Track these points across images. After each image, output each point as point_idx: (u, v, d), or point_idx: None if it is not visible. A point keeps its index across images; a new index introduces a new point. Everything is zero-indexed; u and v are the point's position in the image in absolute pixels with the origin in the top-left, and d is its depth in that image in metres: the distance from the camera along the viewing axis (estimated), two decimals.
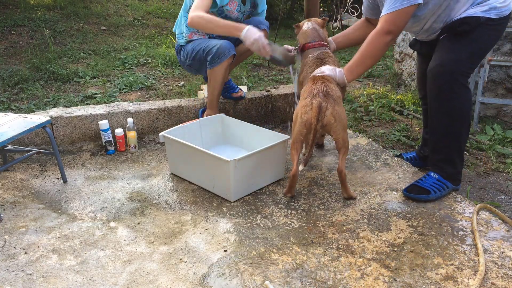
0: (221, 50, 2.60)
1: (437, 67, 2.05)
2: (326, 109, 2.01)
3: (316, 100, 2.01)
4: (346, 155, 2.11)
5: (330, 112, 2.01)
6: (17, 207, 2.13)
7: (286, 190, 2.18)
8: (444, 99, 2.05)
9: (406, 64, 4.52)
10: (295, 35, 2.58)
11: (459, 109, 2.06)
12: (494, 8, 2.01)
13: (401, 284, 1.58)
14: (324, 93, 2.03)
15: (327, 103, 2.01)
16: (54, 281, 1.62)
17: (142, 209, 2.10)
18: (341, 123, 2.05)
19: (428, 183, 2.15)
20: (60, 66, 4.41)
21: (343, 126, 2.07)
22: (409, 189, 2.17)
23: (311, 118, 2.01)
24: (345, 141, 2.09)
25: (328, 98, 2.03)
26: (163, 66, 4.71)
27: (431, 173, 2.20)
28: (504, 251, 1.75)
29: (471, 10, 2.03)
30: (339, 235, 1.87)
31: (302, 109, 2.05)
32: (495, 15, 2.01)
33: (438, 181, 2.15)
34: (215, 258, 1.73)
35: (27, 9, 6.13)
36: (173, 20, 6.50)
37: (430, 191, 2.12)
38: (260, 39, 2.32)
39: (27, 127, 2.16)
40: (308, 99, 2.04)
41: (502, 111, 3.62)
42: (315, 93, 2.04)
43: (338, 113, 2.03)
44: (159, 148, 2.81)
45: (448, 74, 2.01)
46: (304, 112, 2.04)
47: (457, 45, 2.04)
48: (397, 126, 3.40)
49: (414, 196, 2.12)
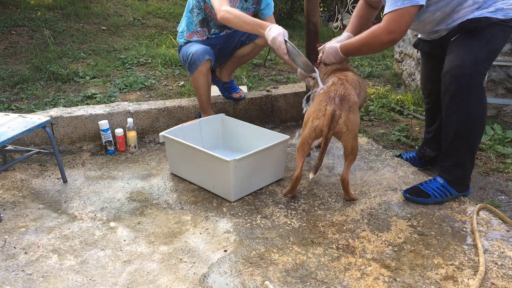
0: (195, 57, 2.64)
1: (456, 68, 1.98)
2: (340, 117, 1.93)
3: (330, 107, 1.93)
4: (352, 163, 2.07)
5: (344, 120, 1.94)
6: (17, 207, 2.13)
7: (287, 191, 2.18)
8: (462, 100, 1.99)
9: (406, 64, 4.52)
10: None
11: (476, 111, 2.00)
12: (501, 9, 1.99)
13: (401, 284, 1.58)
14: (341, 98, 1.95)
15: (341, 110, 1.93)
16: (54, 281, 1.62)
17: (142, 209, 2.10)
18: (353, 132, 1.98)
19: (431, 188, 2.11)
20: (60, 66, 4.41)
21: (355, 134, 2.00)
22: (410, 191, 2.15)
23: (322, 125, 1.95)
24: (354, 149, 2.03)
25: (343, 104, 1.94)
26: (163, 66, 4.71)
27: (437, 178, 2.15)
28: (504, 251, 1.75)
29: (477, 12, 2.00)
30: (339, 235, 1.87)
31: (314, 113, 1.98)
32: (502, 16, 1.99)
33: (442, 186, 2.11)
34: (215, 258, 1.73)
35: (27, 9, 6.12)
36: (173, 20, 6.50)
37: (431, 195, 2.09)
38: (279, 37, 2.19)
39: (27, 127, 2.16)
40: (323, 103, 1.96)
41: (502, 111, 3.62)
42: (332, 96, 1.95)
43: (351, 121, 1.96)
44: (159, 148, 2.81)
45: (468, 76, 1.96)
46: (316, 117, 1.97)
47: (474, 46, 1.99)
48: (397, 126, 3.39)
49: (413, 199, 2.11)
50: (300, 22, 7.78)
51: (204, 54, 2.65)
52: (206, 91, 2.80)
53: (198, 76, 2.70)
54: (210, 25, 2.81)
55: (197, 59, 2.64)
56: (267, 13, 2.89)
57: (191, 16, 2.80)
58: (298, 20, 8.00)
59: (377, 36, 2.02)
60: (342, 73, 2.18)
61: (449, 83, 2.01)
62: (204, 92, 2.79)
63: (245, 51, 2.91)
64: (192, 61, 2.66)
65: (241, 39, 2.87)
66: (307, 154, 2.09)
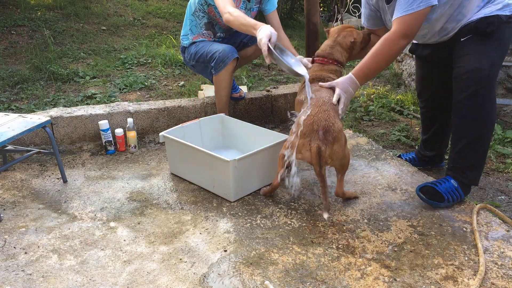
0: (224, 55, 2.58)
1: (475, 70, 1.93)
2: (325, 153, 1.90)
3: (314, 144, 1.88)
4: (344, 176, 2.05)
5: (329, 154, 1.91)
6: (17, 207, 2.13)
7: (266, 190, 2.18)
8: (479, 103, 1.95)
9: (406, 64, 4.52)
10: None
11: (489, 115, 1.98)
12: (507, 5, 1.96)
13: (401, 284, 1.58)
14: (324, 131, 1.89)
15: (326, 145, 1.89)
16: (54, 281, 1.62)
17: (142, 209, 2.10)
18: (339, 157, 1.95)
19: (447, 190, 2.04)
20: (60, 66, 4.41)
21: (342, 156, 1.96)
22: (423, 189, 2.07)
23: (310, 160, 1.92)
24: (344, 166, 2.02)
25: (327, 137, 1.89)
26: (163, 66, 4.71)
27: (451, 180, 2.08)
28: (504, 251, 1.75)
29: (487, 9, 1.97)
30: (339, 235, 1.87)
31: (301, 147, 1.93)
32: (510, 12, 1.97)
33: (456, 190, 2.05)
34: (215, 258, 1.73)
35: (27, 9, 6.13)
36: (173, 20, 6.50)
37: (444, 198, 2.02)
38: (263, 40, 2.06)
39: (27, 127, 2.16)
40: (307, 139, 1.91)
41: (502, 111, 3.62)
42: (315, 129, 1.90)
43: (336, 152, 1.93)
44: (159, 148, 2.81)
45: (486, 78, 1.93)
46: (305, 150, 1.93)
47: (489, 48, 1.96)
48: (397, 126, 3.40)
49: (426, 200, 2.04)
50: (300, 22, 7.79)
51: (233, 52, 2.59)
52: (228, 92, 2.77)
53: (224, 75, 2.64)
54: (215, 29, 2.79)
55: (226, 57, 2.57)
56: (268, 9, 2.83)
57: (194, 19, 2.77)
58: (298, 20, 8.00)
59: (393, 42, 1.93)
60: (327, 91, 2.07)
61: (467, 85, 1.96)
62: (226, 93, 2.76)
63: (247, 53, 2.90)
64: (221, 59, 2.59)
65: (243, 40, 2.86)
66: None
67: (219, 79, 2.68)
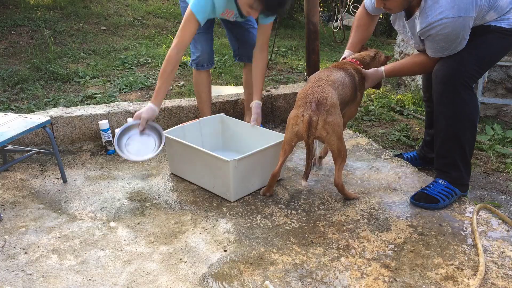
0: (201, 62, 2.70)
1: (440, 70, 2.04)
2: (317, 123, 1.94)
3: (307, 114, 1.94)
4: (343, 165, 2.06)
5: (321, 125, 1.94)
6: (17, 207, 2.13)
7: (265, 189, 2.19)
8: (448, 101, 2.03)
9: None
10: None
11: (462, 113, 2.03)
12: (507, 19, 2.00)
13: (401, 284, 1.58)
14: (317, 103, 1.94)
15: (318, 116, 1.93)
16: (54, 281, 1.62)
17: (142, 209, 2.10)
18: (335, 134, 1.97)
19: (436, 191, 2.09)
20: (60, 66, 4.41)
21: (338, 136, 1.99)
22: (416, 197, 2.11)
23: (301, 131, 1.96)
24: (341, 151, 2.02)
25: (319, 109, 1.93)
26: None
27: (438, 180, 2.13)
28: (504, 251, 1.75)
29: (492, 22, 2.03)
30: (339, 235, 1.87)
31: (293, 119, 2.00)
32: (507, 25, 2.00)
33: (446, 187, 2.09)
34: (215, 258, 1.73)
35: (27, 9, 6.12)
36: (173, 20, 6.50)
37: (439, 199, 2.05)
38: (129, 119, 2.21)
39: (27, 127, 2.16)
40: (301, 109, 1.97)
41: (502, 111, 3.63)
42: (308, 101, 1.96)
43: (330, 124, 1.95)
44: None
45: (451, 77, 2.00)
46: (295, 123, 1.99)
47: (462, 50, 2.01)
48: (397, 126, 3.40)
49: (423, 205, 2.06)
50: (300, 22, 7.78)
51: (208, 63, 2.73)
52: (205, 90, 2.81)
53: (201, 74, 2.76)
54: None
55: (202, 64, 2.72)
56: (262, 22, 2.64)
57: None
58: (298, 20, 8.00)
59: (430, 67, 2.12)
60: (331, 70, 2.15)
61: (435, 84, 2.07)
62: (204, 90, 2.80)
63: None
64: (196, 62, 2.72)
65: (237, 37, 2.82)
66: (288, 154, 2.10)
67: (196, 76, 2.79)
